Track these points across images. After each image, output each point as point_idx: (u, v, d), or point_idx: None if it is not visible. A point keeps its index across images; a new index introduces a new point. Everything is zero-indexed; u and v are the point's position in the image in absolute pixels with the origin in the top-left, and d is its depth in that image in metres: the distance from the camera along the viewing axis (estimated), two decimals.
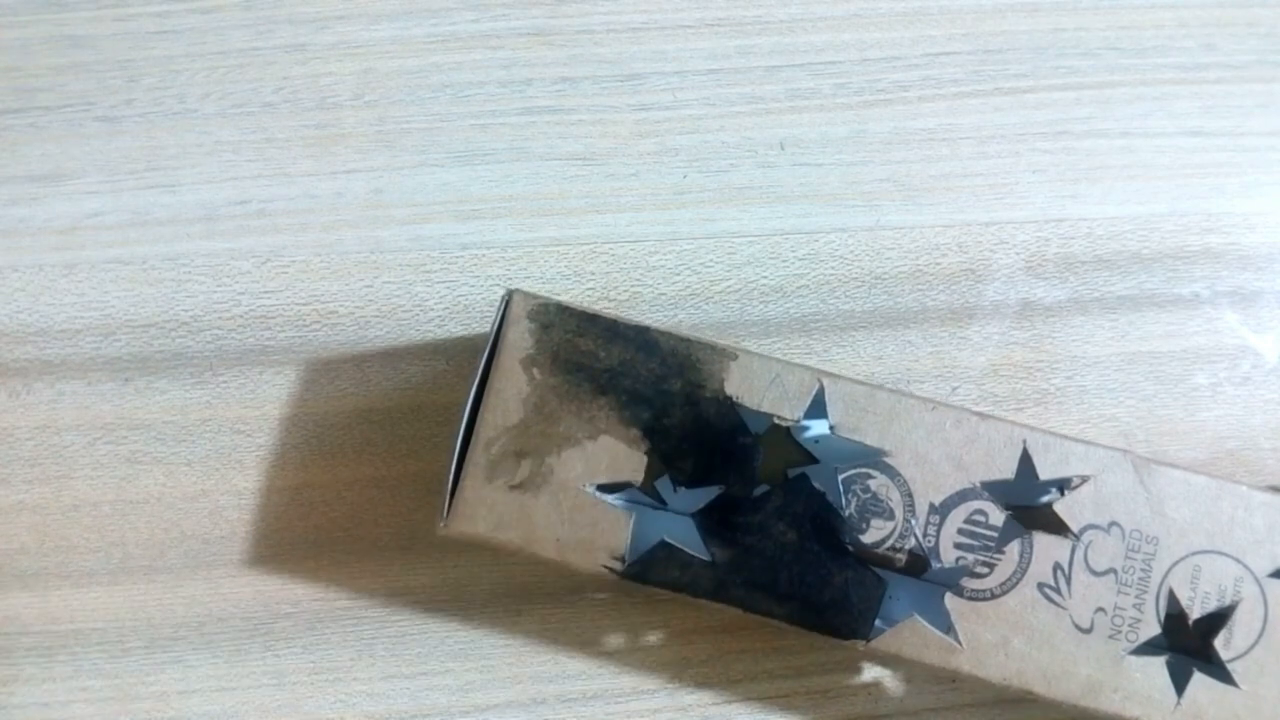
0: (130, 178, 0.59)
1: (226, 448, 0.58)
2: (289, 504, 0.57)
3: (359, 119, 0.60)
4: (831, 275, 0.59)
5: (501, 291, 0.56)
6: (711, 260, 0.59)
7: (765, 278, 0.59)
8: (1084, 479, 0.48)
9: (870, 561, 0.48)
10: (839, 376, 0.49)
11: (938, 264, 0.60)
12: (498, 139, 0.60)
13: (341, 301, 0.58)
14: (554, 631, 0.57)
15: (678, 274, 0.59)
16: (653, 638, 0.57)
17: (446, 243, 0.59)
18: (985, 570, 0.48)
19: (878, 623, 0.47)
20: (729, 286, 0.59)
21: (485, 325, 0.58)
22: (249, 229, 0.59)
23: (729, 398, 0.49)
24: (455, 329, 0.58)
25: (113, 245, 0.58)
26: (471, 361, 0.58)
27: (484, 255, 0.59)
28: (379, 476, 0.58)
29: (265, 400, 0.58)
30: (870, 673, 0.57)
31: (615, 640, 0.57)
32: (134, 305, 0.58)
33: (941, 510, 0.48)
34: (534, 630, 0.57)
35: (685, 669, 0.57)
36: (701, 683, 0.57)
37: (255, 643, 0.56)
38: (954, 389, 0.59)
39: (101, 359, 0.58)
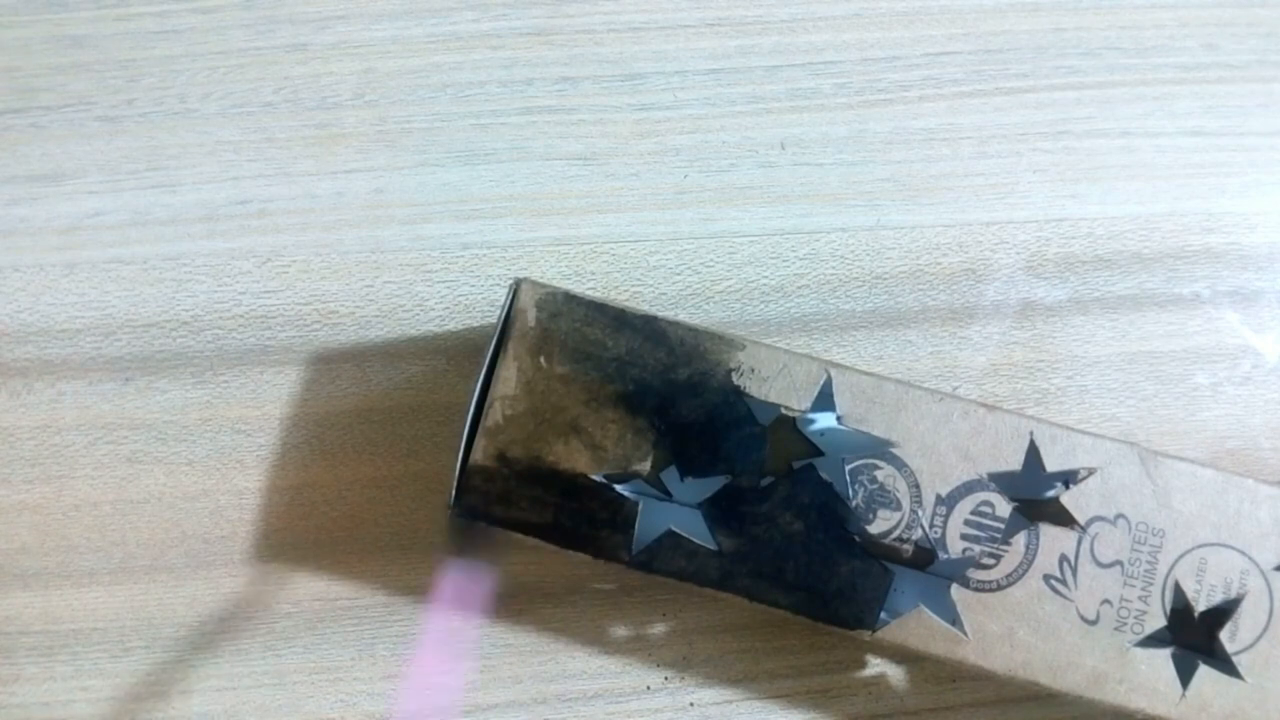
0: (131, 177, 0.59)
1: (227, 447, 0.57)
2: (290, 504, 0.57)
3: (359, 119, 0.60)
4: (832, 275, 0.59)
5: (503, 293, 0.57)
6: (712, 260, 0.59)
7: (766, 277, 0.59)
8: (1091, 471, 0.48)
9: (877, 552, 0.48)
10: (846, 367, 0.49)
11: (938, 264, 0.60)
12: (498, 139, 0.60)
13: (342, 301, 0.58)
14: (555, 631, 0.57)
15: (678, 274, 0.59)
16: (653, 637, 0.57)
17: (447, 242, 0.59)
18: (991, 562, 0.48)
19: (884, 614, 0.47)
20: (730, 286, 0.59)
21: (486, 325, 0.58)
22: (250, 229, 0.59)
23: (736, 388, 0.49)
24: (456, 328, 0.58)
25: (113, 245, 0.58)
26: (473, 360, 0.58)
27: (485, 255, 0.59)
28: (379, 476, 0.58)
29: (266, 400, 0.58)
30: (871, 671, 0.57)
31: (616, 640, 0.57)
32: (135, 305, 0.58)
33: (948, 501, 0.48)
34: (535, 630, 0.57)
35: (686, 668, 0.57)
36: (702, 682, 0.57)
37: (256, 642, 0.56)
38: (954, 389, 0.59)
39: (102, 359, 0.57)
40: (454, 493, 0.48)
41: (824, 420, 0.48)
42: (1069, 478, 0.48)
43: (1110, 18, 0.62)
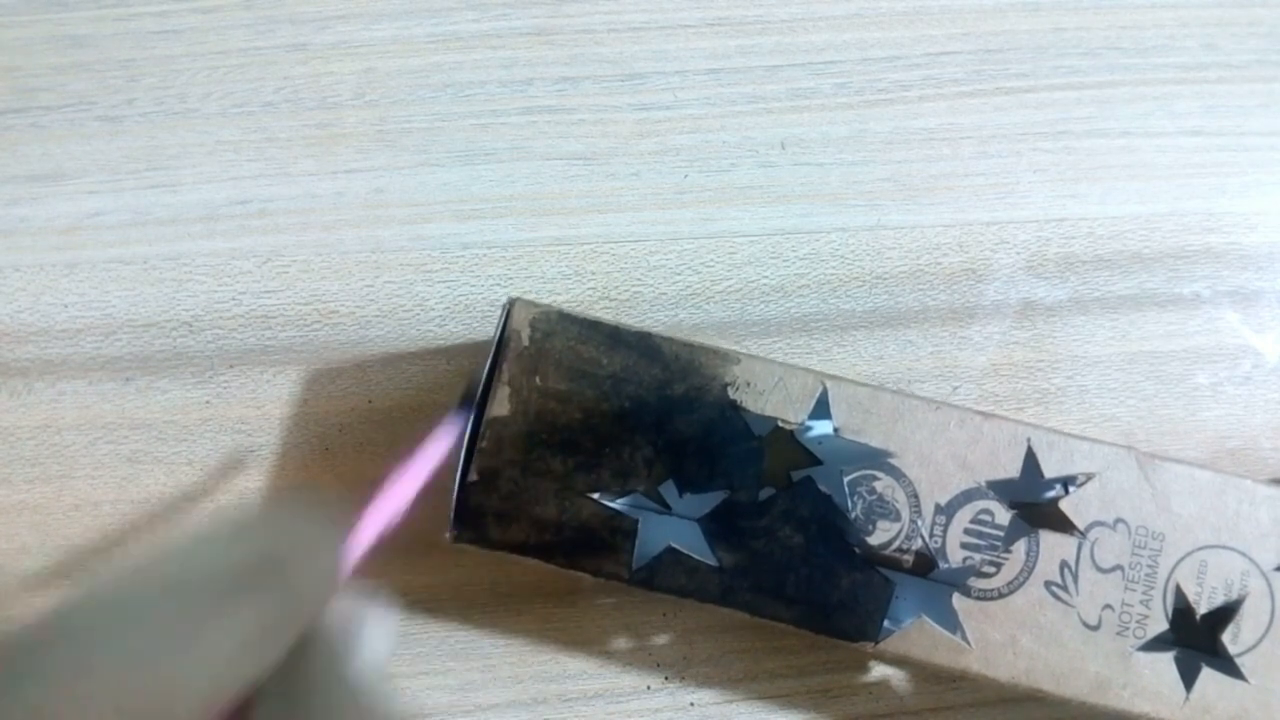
0: (131, 177, 0.59)
1: (227, 447, 0.57)
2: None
3: (360, 118, 0.60)
4: (832, 275, 0.59)
5: (503, 293, 0.57)
6: (712, 260, 0.59)
7: (766, 277, 0.59)
8: (1089, 476, 0.48)
9: (877, 563, 0.48)
10: (842, 379, 0.49)
11: (938, 264, 0.60)
12: (499, 139, 0.60)
13: (342, 301, 0.58)
14: (555, 631, 0.57)
15: (679, 274, 0.59)
16: (654, 637, 0.57)
17: (447, 242, 0.59)
18: (992, 570, 0.48)
19: (886, 624, 0.48)
20: (730, 286, 0.59)
21: (487, 325, 0.58)
22: (250, 228, 0.59)
23: (732, 402, 0.49)
24: (456, 329, 0.58)
25: (114, 245, 0.58)
26: (472, 361, 0.58)
27: (485, 255, 0.59)
28: (379, 476, 0.57)
29: (266, 400, 0.58)
30: (871, 672, 0.57)
31: (616, 640, 0.57)
32: (135, 305, 0.58)
33: (947, 510, 0.48)
34: (535, 630, 0.57)
35: (686, 668, 0.57)
36: (702, 682, 0.57)
37: None
38: (955, 389, 0.59)
39: (103, 359, 0.57)
40: (452, 516, 0.48)
41: (821, 428, 0.48)
42: (1067, 483, 0.48)
43: (1110, 18, 0.62)
